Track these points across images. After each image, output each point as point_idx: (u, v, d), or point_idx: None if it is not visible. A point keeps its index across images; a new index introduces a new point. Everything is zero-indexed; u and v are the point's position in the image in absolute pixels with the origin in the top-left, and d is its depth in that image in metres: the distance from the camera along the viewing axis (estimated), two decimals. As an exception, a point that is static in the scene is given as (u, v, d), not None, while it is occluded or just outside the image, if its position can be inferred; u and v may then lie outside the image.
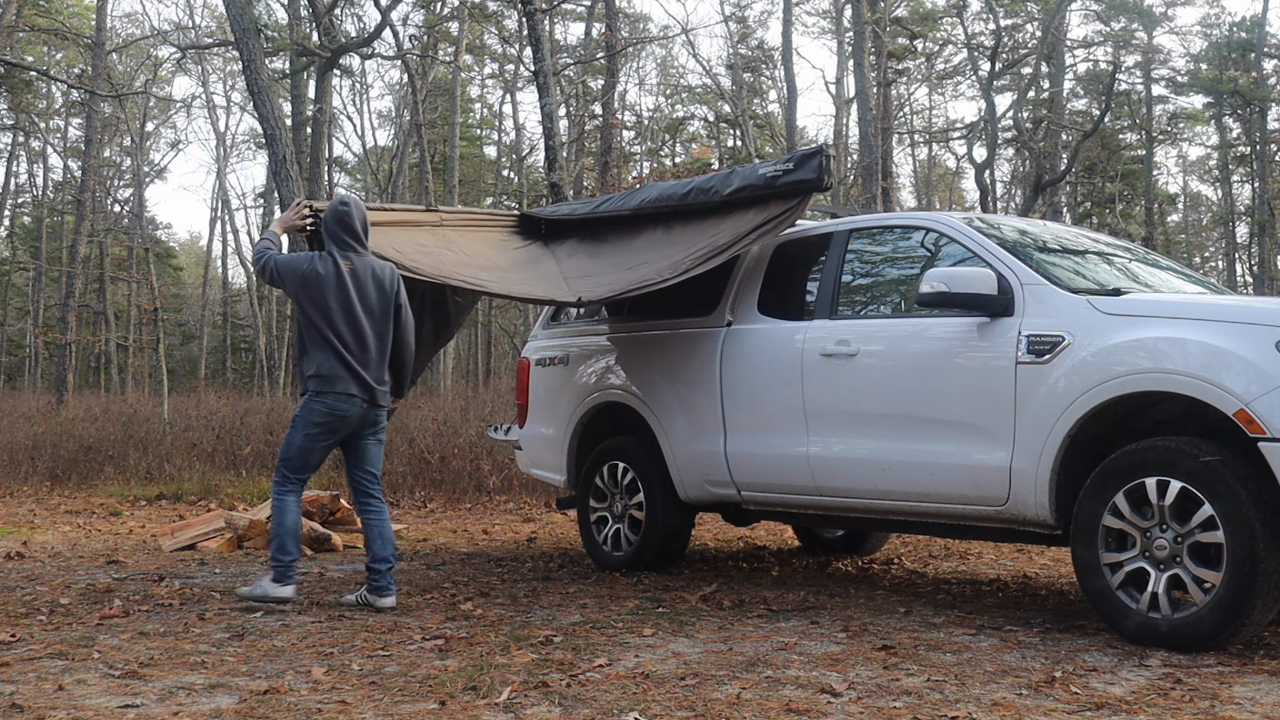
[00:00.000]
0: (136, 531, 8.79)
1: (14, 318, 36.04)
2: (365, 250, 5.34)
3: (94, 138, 25.26)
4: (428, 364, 7.34)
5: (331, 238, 5.30)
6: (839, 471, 5.26)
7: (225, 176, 47.45)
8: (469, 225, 6.84)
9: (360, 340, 5.21)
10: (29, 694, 3.60)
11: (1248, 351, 3.93)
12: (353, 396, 5.19)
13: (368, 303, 5.24)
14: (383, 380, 5.32)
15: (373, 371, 5.25)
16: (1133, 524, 4.17)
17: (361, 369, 5.20)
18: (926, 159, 40.83)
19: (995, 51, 21.30)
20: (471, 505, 10.39)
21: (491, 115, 38.77)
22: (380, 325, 5.29)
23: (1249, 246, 32.29)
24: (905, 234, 5.49)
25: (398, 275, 5.44)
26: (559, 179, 11.12)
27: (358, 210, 5.35)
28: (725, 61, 31.54)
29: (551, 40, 26.86)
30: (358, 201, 5.41)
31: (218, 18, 27.21)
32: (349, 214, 5.30)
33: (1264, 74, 27.17)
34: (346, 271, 5.21)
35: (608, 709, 3.37)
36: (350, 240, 5.28)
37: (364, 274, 5.26)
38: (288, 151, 12.21)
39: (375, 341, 5.26)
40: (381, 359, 5.30)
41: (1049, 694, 3.50)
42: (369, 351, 5.23)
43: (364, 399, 5.22)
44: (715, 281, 6.04)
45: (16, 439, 13.73)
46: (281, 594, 5.14)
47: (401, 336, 5.42)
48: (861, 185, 20.43)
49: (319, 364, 5.19)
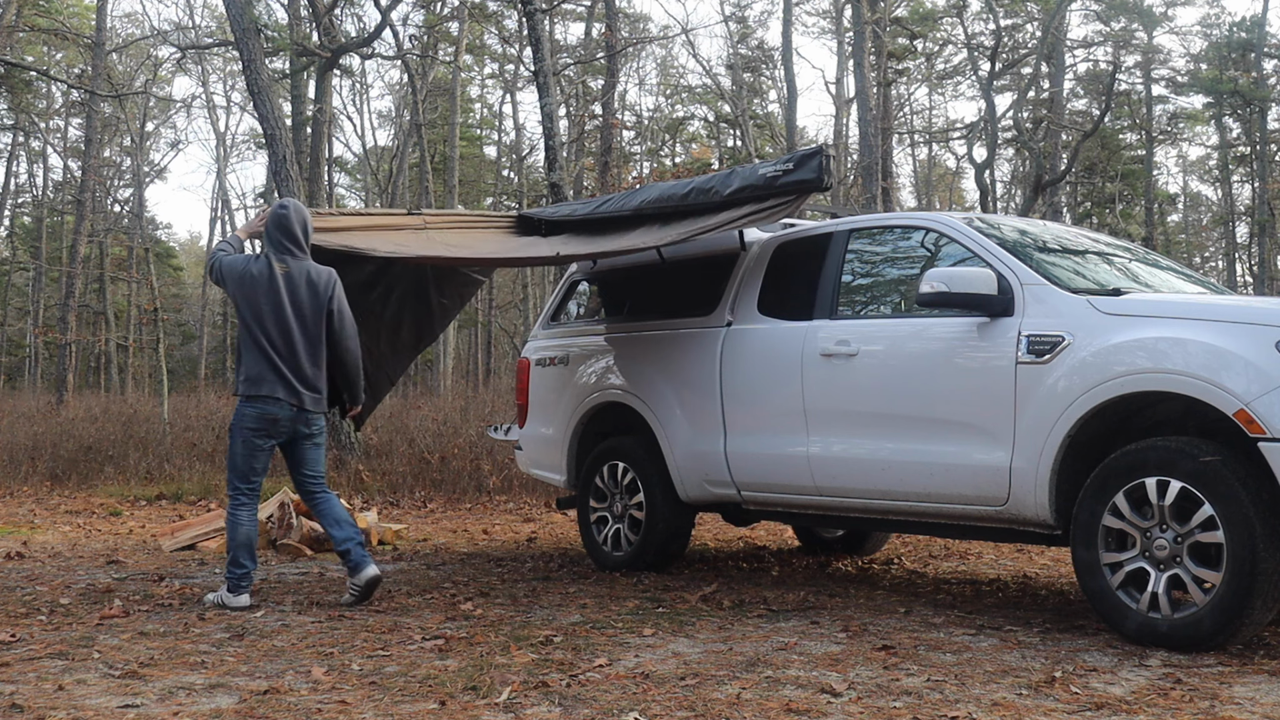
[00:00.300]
0: (136, 531, 8.79)
1: (14, 318, 36.04)
2: (304, 254, 5.35)
3: (94, 138, 25.27)
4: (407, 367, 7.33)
5: (269, 240, 5.33)
6: (839, 471, 5.26)
7: (225, 176, 47.51)
8: (458, 226, 6.82)
9: (289, 343, 5.22)
10: (29, 694, 3.60)
11: (1248, 351, 3.93)
12: (279, 400, 5.20)
13: (299, 306, 5.25)
14: (315, 386, 5.32)
15: (302, 376, 5.25)
16: (1133, 524, 4.17)
17: (290, 372, 5.21)
18: (926, 159, 40.85)
19: (995, 51, 21.30)
20: (471, 505, 10.39)
21: (491, 115, 38.81)
22: (312, 329, 5.29)
23: (1249, 246, 32.29)
24: (905, 234, 5.49)
25: (335, 281, 5.41)
26: (559, 179, 11.12)
27: (297, 214, 5.37)
28: (725, 61, 31.58)
29: (551, 40, 26.86)
30: (298, 205, 5.45)
31: (218, 18, 27.23)
32: (287, 217, 5.33)
33: (1264, 74, 27.19)
34: (280, 274, 5.23)
35: (608, 709, 3.37)
36: (287, 243, 5.30)
37: (298, 278, 5.27)
38: (288, 151, 12.22)
39: (305, 345, 5.26)
40: (313, 363, 5.30)
41: (1049, 694, 3.50)
42: (298, 355, 5.23)
43: (291, 402, 5.23)
44: (715, 281, 6.04)
45: (16, 439, 13.73)
46: (237, 604, 5.19)
47: (341, 343, 5.41)
48: (861, 185, 20.42)
49: (248, 366, 5.24)
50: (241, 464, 5.26)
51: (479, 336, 33.40)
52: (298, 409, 5.25)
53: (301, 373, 5.24)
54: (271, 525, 7.63)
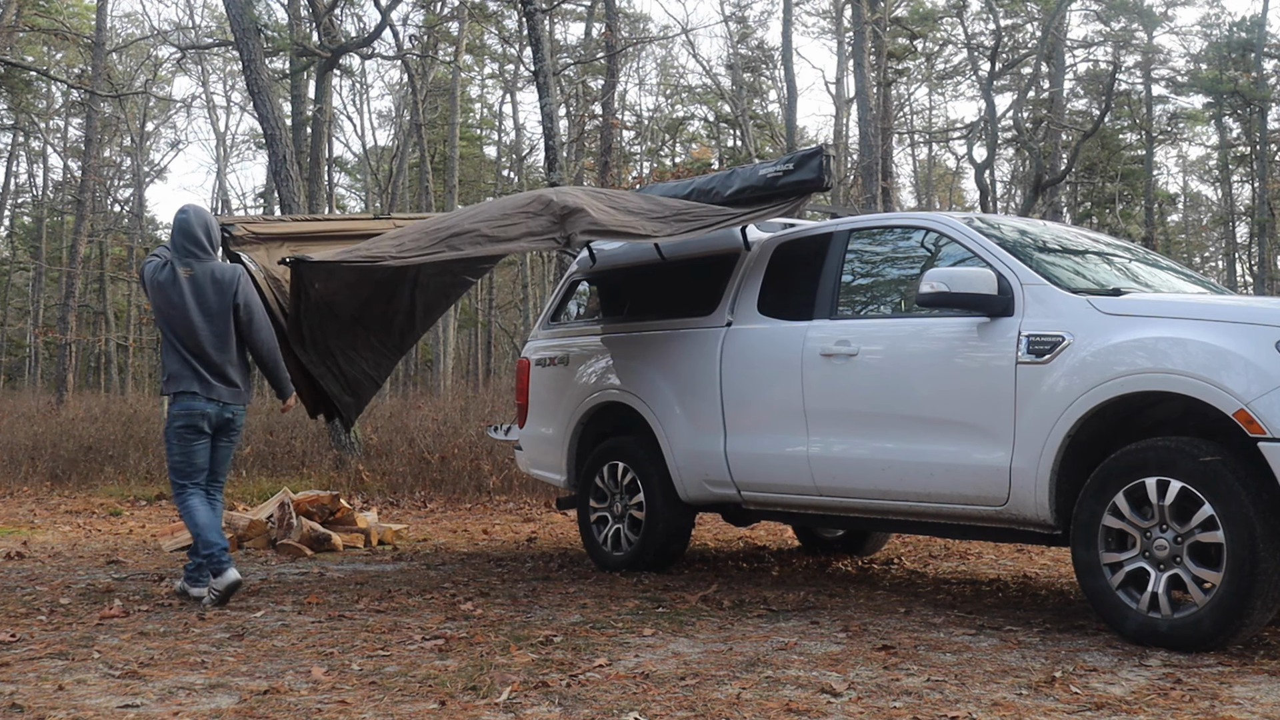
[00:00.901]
0: (136, 531, 8.79)
1: (14, 318, 36.05)
2: (208, 256, 5.58)
3: (94, 138, 25.27)
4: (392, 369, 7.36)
5: (173, 246, 5.58)
6: (839, 471, 5.26)
7: (225, 176, 47.44)
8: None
9: (198, 342, 5.45)
10: (29, 694, 3.60)
11: (1248, 351, 3.93)
12: (196, 394, 5.46)
13: (206, 306, 5.48)
14: (229, 380, 5.54)
15: (215, 371, 5.49)
16: (1133, 524, 4.17)
17: (203, 369, 5.46)
18: (926, 159, 40.82)
19: (995, 51, 21.31)
20: (471, 505, 10.39)
21: (491, 115, 38.79)
22: (219, 327, 5.51)
23: (1249, 246, 32.29)
24: (905, 234, 5.49)
25: (240, 277, 5.63)
26: (559, 179, 11.12)
27: (198, 217, 5.59)
28: (725, 61, 31.57)
29: (551, 40, 26.86)
30: (199, 209, 5.67)
31: (218, 18, 27.25)
32: (188, 221, 5.56)
33: (1264, 74, 27.18)
34: (185, 278, 5.47)
35: (608, 709, 3.37)
36: (190, 247, 5.52)
37: (203, 279, 5.50)
38: (288, 151, 12.22)
39: (213, 342, 5.49)
40: (224, 360, 5.52)
41: (1049, 694, 3.50)
42: (207, 353, 5.47)
43: (208, 397, 5.48)
44: (715, 281, 6.04)
45: (16, 439, 13.73)
46: (229, 580, 5.33)
47: (252, 336, 5.61)
48: (861, 185, 20.43)
49: (167, 366, 5.54)
50: (180, 463, 5.51)
51: (479, 336, 33.41)
52: (218, 403, 5.50)
53: (214, 368, 5.49)
54: (271, 525, 7.63)
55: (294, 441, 12.47)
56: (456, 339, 32.35)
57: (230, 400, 5.53)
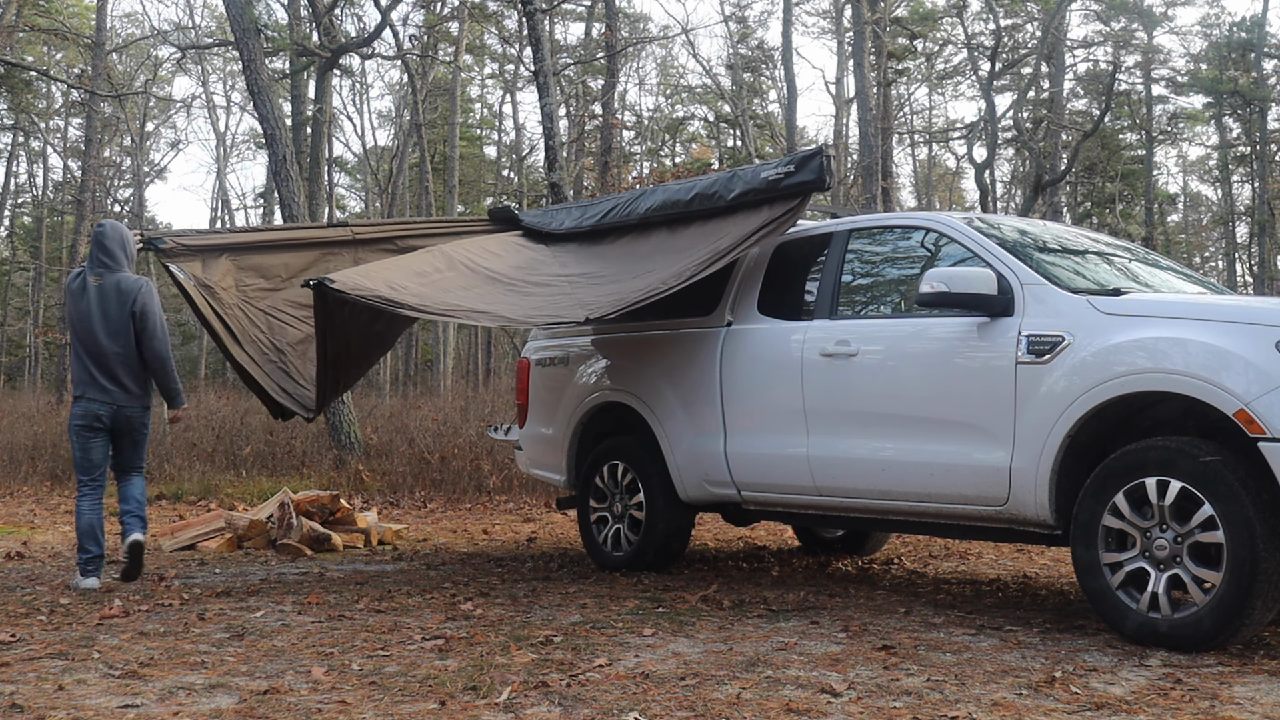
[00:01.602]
0: (136, 531, 8.78)
1: (14, 318, 36.04)
2: (119, 267, 5.92)
3: (94, 138, 25.25)
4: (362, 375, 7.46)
5: (89, 256, 5.97)
6: (839, 471, 5.26)
7: (225, 176, 47.49)
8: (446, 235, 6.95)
9: (98, 348, 5.81)
10: (29, 694, 3.60)
11: (1248, 351, 3.94)
12: (94, 399, 5.83)
13: (107, 315, 5.82)
14: (125, 385, 5.88)
15: (112, 376, 5.83)
16: (1133, 524, 4.17)
17: (100, 375, 5.82)
18: (926, 159, 40.83)
19: (995, 51, 21.30)
20: (471, 505, 10.39)
21: (491, 115, 38.80)
22: (119, 334, 5.84)
23: (1249, 246, 32.29)
24: (905, 234, 5.50)
25: (141, 287, 5.93)
26: (559, 179, 11.12)
27: (114, 232, 5.97)
28: (725, 61, 31.58)
29: (551, 40, 26.87)
30: (116, 225, 6.03)
31: (218, 18, 27.25)
32: (104, 234, 5.96)
33: (1264, 74, 27.18)
34: (93, 287, 5.85)
35: (608, 709, 3.37)
36: (103, 258, 5.90)
37: (109, 289, 5.85)
38: (288, 151, 12.22)
39: (113, 350, 5.82)
40: (123, 367, 5.86)
41: (1049, 694, 3.50)
42: (107, 359, 5.82)
43: (104, 400, 5.84)
44: (715, 282, 6.04)
45: (16, 439, 13.73)
46: (86, 585, 5.74)
47: (147, 346, 5.90)
48: (861, 185, 20.43)
49: (73, 370, 5.95)
50: (79, 458, 5.90)
51: (479, 336, 33.40)
52: (114, 406, 5.86)
53: (111, 374, 5.84)
54: (271, 525, 7.63)
55: (294, 441, 12.47)
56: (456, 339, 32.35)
57: (125, 404, 5.88)
